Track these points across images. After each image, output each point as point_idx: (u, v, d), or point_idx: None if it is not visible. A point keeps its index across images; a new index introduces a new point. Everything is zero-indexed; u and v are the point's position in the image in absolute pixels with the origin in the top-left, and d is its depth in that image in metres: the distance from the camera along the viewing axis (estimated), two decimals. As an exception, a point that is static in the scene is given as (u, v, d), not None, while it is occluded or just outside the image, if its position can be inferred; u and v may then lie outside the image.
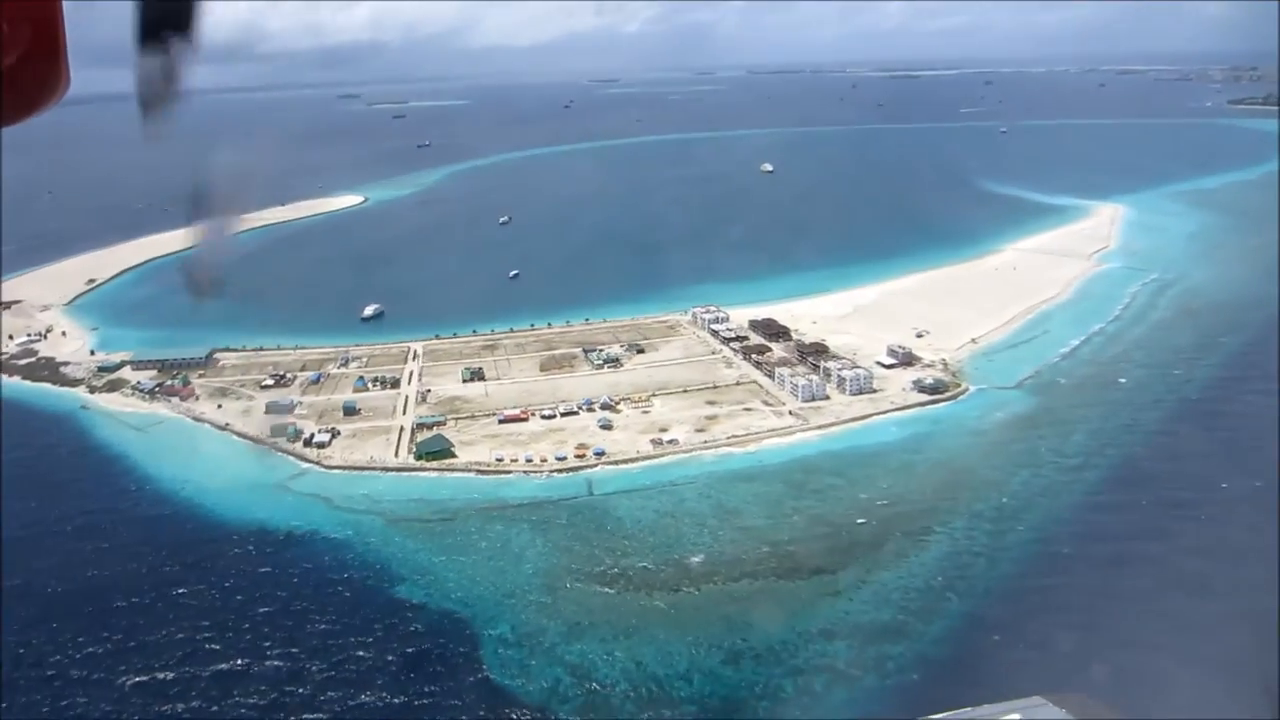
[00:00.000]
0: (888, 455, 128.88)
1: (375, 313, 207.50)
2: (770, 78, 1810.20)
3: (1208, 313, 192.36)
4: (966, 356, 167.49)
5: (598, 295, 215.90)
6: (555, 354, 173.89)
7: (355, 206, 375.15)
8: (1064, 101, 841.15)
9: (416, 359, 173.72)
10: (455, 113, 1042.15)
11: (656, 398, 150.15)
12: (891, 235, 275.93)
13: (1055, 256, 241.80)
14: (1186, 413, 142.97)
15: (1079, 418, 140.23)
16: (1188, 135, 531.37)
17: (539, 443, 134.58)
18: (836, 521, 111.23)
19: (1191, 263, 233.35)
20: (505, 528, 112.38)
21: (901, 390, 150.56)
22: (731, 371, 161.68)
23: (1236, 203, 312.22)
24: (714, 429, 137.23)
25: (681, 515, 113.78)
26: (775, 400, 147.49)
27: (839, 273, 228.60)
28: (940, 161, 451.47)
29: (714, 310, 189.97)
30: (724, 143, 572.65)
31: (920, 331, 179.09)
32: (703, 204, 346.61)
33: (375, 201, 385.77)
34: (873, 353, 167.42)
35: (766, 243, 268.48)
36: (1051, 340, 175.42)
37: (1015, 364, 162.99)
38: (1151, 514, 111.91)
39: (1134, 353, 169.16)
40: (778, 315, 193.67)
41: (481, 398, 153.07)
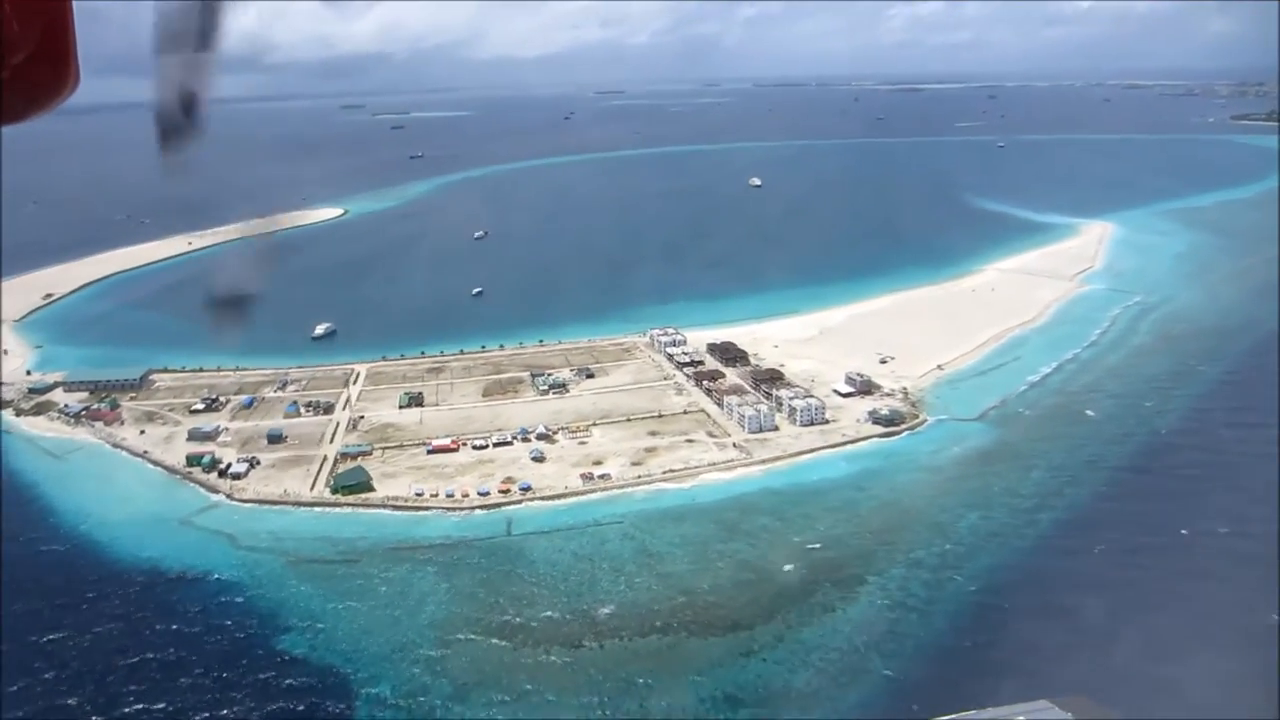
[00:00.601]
0: (830, 493, 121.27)
1: (327, 331, 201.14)
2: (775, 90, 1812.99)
3: (1188, 339, 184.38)
4: (930, 385, 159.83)
5: (559, 315, 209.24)
6: (501, 378, 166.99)
7: (334, 219, 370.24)
8: (1065, 116, 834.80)
9: (357, 382, 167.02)
10: (456, 124, 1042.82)
11: (597, 427, 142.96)
12: (871, 254, 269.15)
13: (1037, 277, 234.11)
14: (1154, 448, 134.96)
15: (1040, 453, 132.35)
16: (1186, 151, 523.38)
17: (465, 475, 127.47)
18: (763, 568, 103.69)
19: (1177, 285, 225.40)
20: (410, 571, 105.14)
21: (855, 421, 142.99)
22: (681, 399, 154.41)
23: (1229, 222, 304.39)
24: (651, 462, 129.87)
25: (600, 559, 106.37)
26: (721, 431, 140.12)
27: (811, 293, 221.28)
28: (932, 177, 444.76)
29: (671, 332, 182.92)
30: (718, 156, 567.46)
31: (884, 357, 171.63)
32: (684, 219, 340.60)
33: (355, 214, 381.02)
34: (832, 380, 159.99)
35: (742, 260, 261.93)
36: (1022, 367, 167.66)
37: (980, 393, 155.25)
38: (1102, 562, 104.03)
39: (1107, 382, 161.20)
40: (741, 337, 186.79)
41: (415, 425, 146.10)
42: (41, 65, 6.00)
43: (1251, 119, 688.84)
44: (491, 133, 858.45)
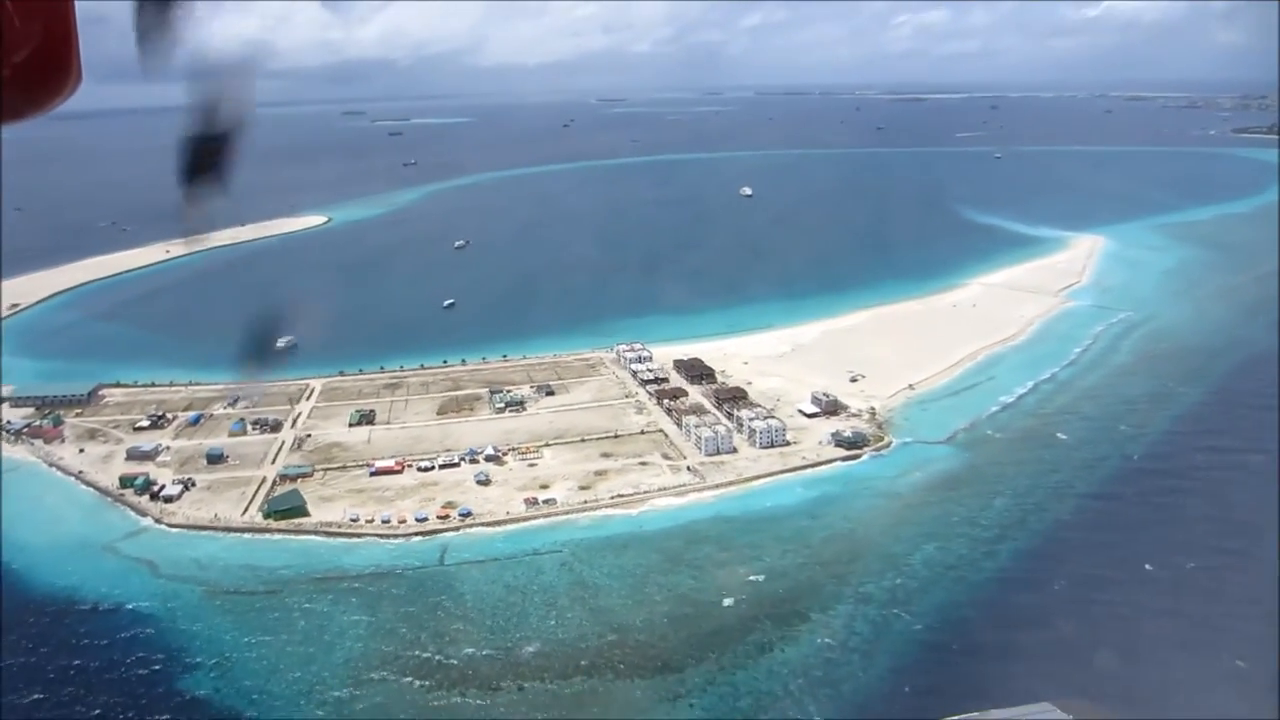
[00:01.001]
0: (783, 521, 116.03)
1: (287, 344, 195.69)
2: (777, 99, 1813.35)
3: (1170, 358, 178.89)
4: (899, 405, 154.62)
5: (530, 328, 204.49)
6: (458, 395, 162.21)
7: (316, 227, 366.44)
8: (1066, 127, 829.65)
9: (311, 398, 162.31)
10: (455, 130, 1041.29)
11: (549, 448, 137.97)
12: (854, 266, 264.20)
13: (1021, 292, 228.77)
14: (1125, 475, 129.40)
15: (1006, 479, 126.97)
16: (1185, 164, 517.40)
17: (406, 499, 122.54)
18: (703, 602, 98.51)
19: (1164, 302, 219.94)
20: (333, 603, 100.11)
21: (818, 443, 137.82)
22: (640, 418, 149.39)
23: (1222, 237, 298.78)
24: (600, 486, 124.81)
25: (533, 592, 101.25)
26: (677, 453, 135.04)
27: (788, 307, 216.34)
28: (926, 187, 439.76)
29: (637, 348, 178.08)
30: (712, 165, 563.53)
31: (855, 375, 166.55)
32: (670, 229, 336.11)
33: (339, 222, 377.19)
34: (798, 399, 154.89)
35: (722, 273, 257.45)
36: (996, 387, 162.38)
37: (950, 414, 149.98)
38: (1059, 598, 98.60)
39: (1082, 403, 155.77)
40: (711, 354, 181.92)
41: (363, 445, 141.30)
42: (43, 64, 5.95)
43: (1252, 132, 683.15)
44: (488, 140, 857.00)
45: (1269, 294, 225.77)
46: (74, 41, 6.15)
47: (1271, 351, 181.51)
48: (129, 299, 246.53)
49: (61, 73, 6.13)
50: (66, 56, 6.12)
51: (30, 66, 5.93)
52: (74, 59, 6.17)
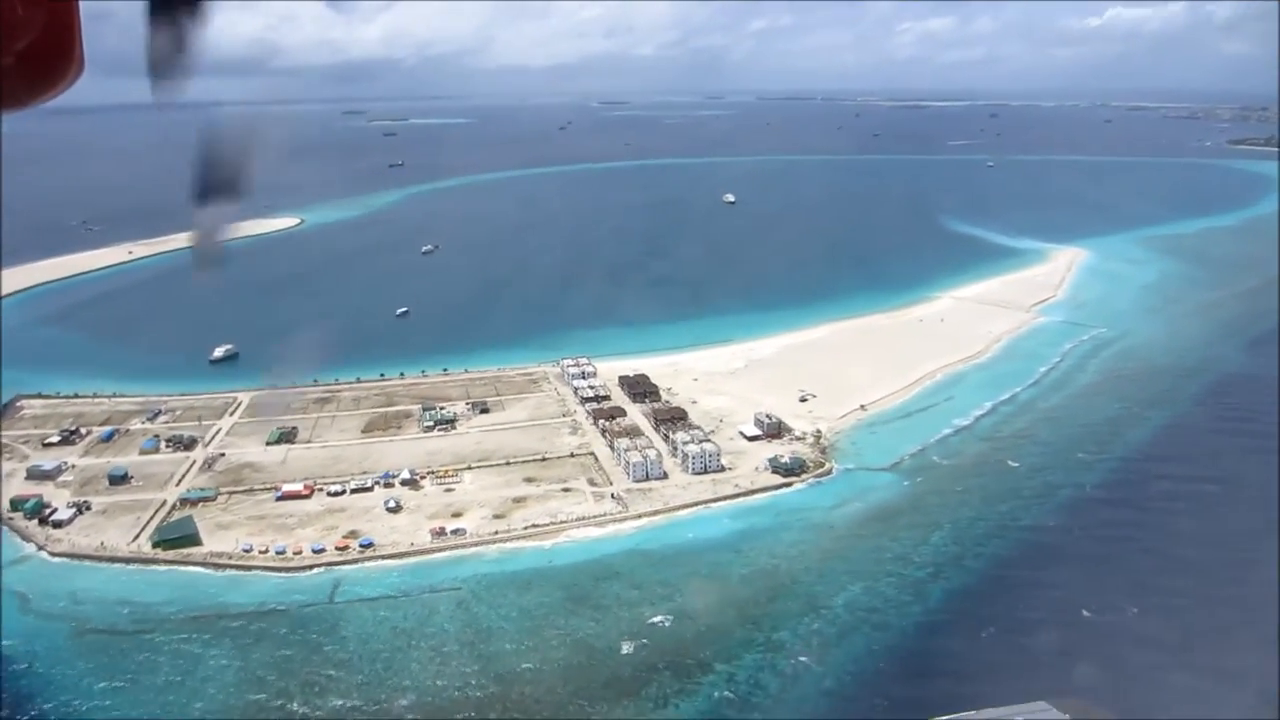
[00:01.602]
0: (703, 555, 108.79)
1: (227, 354, 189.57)
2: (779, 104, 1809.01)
3: (1139, 379, 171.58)
4: (848, 427, 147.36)
5: (480, 339, 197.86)
6: (389, 411, 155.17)
7: (287, 229, 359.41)
8: (1063, 136, 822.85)
9: (236, 413, 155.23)
10: (451, 131, 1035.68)
11: (471, 471, 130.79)
12: (826, 277, 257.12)
13: (993, 307, 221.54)
14: (1075, 507, 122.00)
15: (948, 511, 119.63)
16: (1178, 176, 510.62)
17: (307, 528, 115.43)
18: (600, 648, 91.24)
19: (1140, 318, 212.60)
20: (205, 645, 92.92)
21: (754, 469, 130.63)
22: (573, 439, 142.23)
23: (1207, 251, 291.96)
24: (516, 515, 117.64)
25: (421, 635, 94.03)
26: (604, 479, 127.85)
27: (750, 319, 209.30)
28: (913, 196, 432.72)
29: (582, 363, 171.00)
30: (701, 170, 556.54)
31: (806, 395, 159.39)
32: (645, 236, 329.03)
33: (311, 224, 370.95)
34: (742, 420, 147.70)
35: (689, 282, 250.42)
36: (952, 409, 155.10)
37: (900, 438, 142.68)
38: (984, 649, 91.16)
39: (1040, 427, 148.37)
40: (663, 369, 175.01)
41: (276, 466, 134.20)
42: (45, 51, 5.90)
43: (1250, 144, 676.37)
44: (482, 141, 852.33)
45: (1247, 310, 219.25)
46: (77, 29, 6.01)
47: (1243, 373, 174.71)
48: (77, 303, 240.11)
49: (64, 61, 6.02)
50: (69, 44, 6.00)
51: (32, 54, 5.82)
52: (77, 47, 6.04)
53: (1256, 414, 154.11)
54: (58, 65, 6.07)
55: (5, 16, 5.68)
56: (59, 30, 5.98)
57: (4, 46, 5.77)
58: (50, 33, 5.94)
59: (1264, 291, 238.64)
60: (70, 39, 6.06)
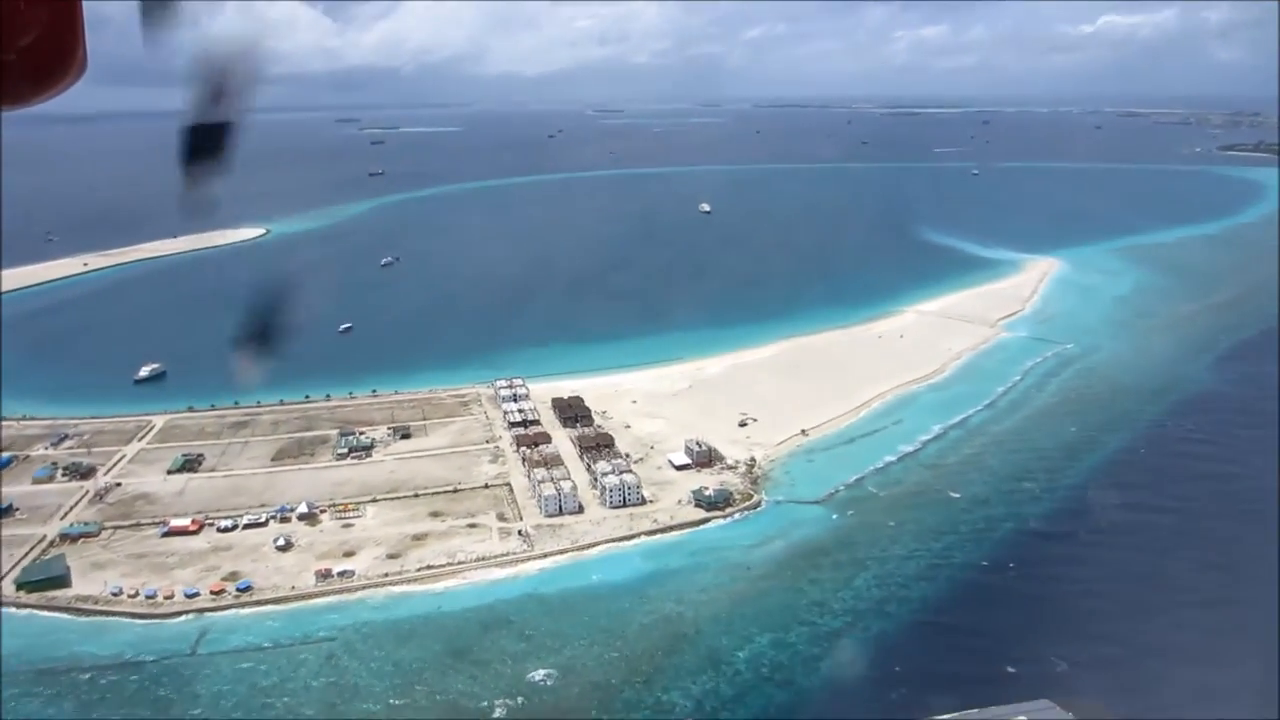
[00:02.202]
0: (603, 601, 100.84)
1: (153, 373, 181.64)
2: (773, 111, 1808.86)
3: (1099, 400, 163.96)
4: (785, 454, 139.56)
5: (419, 357, 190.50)
6: (305, 436, 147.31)
7: (249, 240, 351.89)
8: (1053, 143, 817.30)
9: (145, 437, 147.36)
10: (440, 139, 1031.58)
11: (376, 504, 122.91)
12: (789, 291, 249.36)
13: (957, 321, 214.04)
14: (1014, 545, 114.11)
15: (877, 549, 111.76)
16: (1164, 183, 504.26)
17: (187, 568, 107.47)
18: (471, 710, 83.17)
19: (1107, 333, 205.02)
20: (43, 704, 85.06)
21: (677, 503, 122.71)
22: (492, 468, 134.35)
23: (1185, 261, 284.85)
24: (412, 555, 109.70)
25: (281, 694, 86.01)
26: (515, 513, 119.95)
27: (704, 336, 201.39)
28: (893, 204, 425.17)
29: (515, 384, 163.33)
30: (683, 178, 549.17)
31: (746, 419, 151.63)
32: (613, 247, 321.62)
33: (275, 235, 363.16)
34: (675, 447, 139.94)
35: (648, 297, 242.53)
36: (898, 434, 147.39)
37: (838, 466, 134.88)
38: (891, 712, 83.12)
39: (989, 454, 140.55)
40: (604, 389, 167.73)
41: (172, 497, 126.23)
42: (49, 49, 5.90)
43: (1239, 150, 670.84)
44: (468, 149, 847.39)
45: (1220, 324, 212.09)
46: (80, 28, 5.97)
47: (1208, 392, 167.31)
48: (13, 318, 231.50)
49: (67, 59, 6.00)
50: (72, 42, 5.97)
51: (36, 51, 5.81)
52: (80, 45, 6.00)
53: (1216, 437, 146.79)
54: (61, 63, 5.98)
55: (8, 14, 5.61)
56: (62, 28, 5.90)
57: (7, 44, 5.69)
58: (53, 31, 5.86)
59: (1239, 303, 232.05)
60: (73, 37, 5.96)
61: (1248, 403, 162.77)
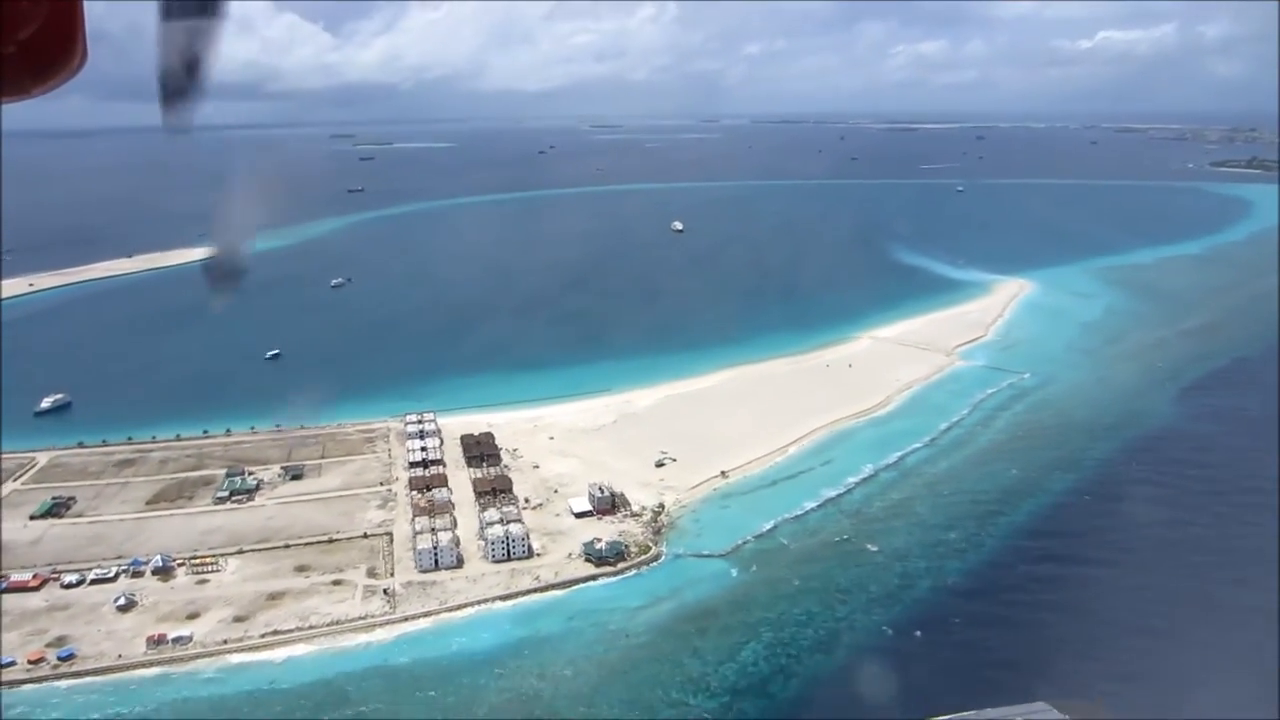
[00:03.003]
0: (460, 675, 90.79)
1: (56, 404, 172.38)
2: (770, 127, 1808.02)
3: (1050, 436, 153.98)
4: (698, 499, 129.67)
5: (341, 387, 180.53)
6: (191, 477, 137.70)
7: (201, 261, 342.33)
8: (1044, 159, 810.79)
9: (23, 477, 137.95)
10: (429, 156, 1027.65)
11: (241, 556, 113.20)
12: (746, 315, 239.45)
13: (912, 349, 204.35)
14: (928, 608, 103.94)
15: (775, 612, 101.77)
16: (1152, 200, 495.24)
17: (12, 631, 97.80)
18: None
19: (1069, 362, 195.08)
20: None
21: (567, 556, 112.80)
22: (378, 514, 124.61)
23: (1162, 282, 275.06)
24: (261, 617, 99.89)
25: (65, 790, 75.94)
26: (388, 568, 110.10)
27: (644, 364, 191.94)
28: (871, 223, 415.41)
29: (426, 419, 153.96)
30: (664, 196, 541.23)
31: (664, 459, 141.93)
32: (575, 268, 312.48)
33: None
34: (582, 490, 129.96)
35: (598, 320, 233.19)
36: (826, 475, 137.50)
37: (753, 513, 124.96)
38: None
39: (919, 499, 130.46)
40: (524, 423, 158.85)
41: (26, 546, 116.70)
42: (48, 41, 5.85)
43: (1230, 166, 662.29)
44: (456, 166, 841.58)
45: (1190, 351, 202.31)
46: (80, 20, 5.91)
47: (1166, 428, 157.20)
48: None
49: (67, 51, 5.94)
50: (72, 35, 5.91)
51: (36, 44, 5.76)
52: (80, 38, 5.94)
53: (1167, 480, 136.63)
54: (61, 56, 5.93)
55: (8, 7, 5.55)
56: (62, 21, 5.84)
57: (7, 36, 5.63)
58: (54, 23, 5.80)
59: (1213, 329, 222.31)
60: (73, 30, 5.90)
61: (1206, 441, 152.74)
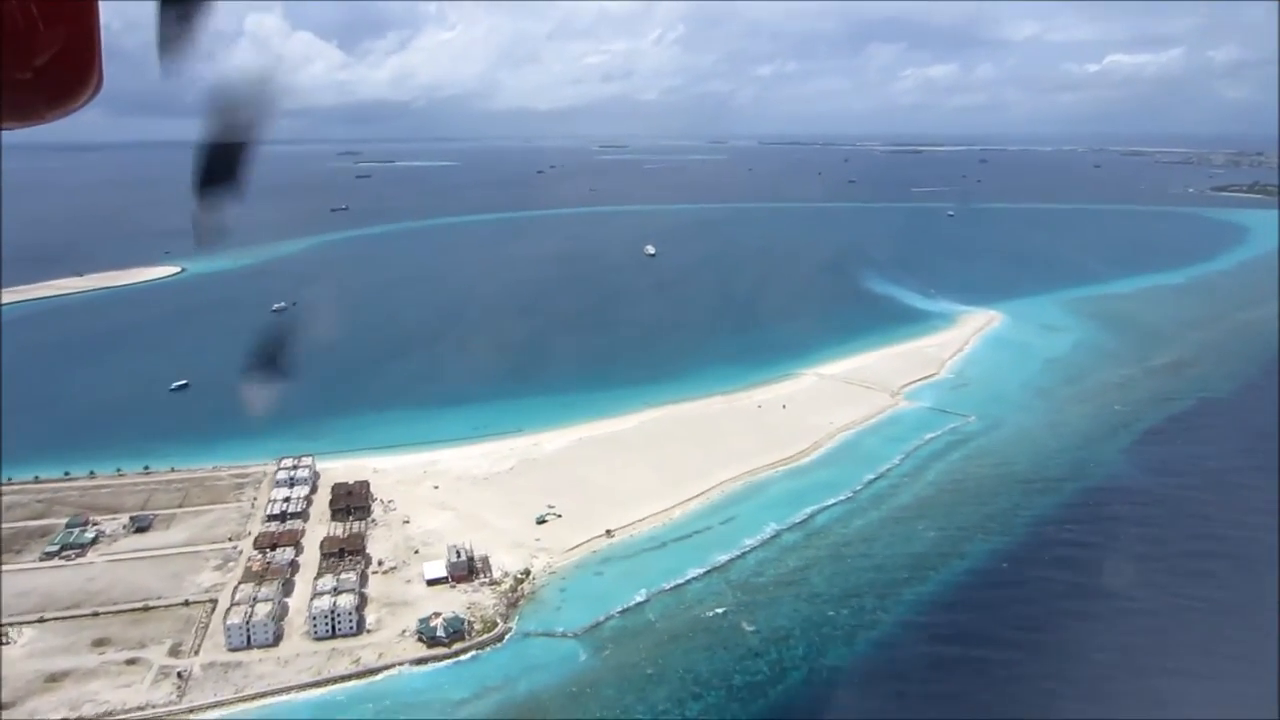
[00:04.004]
0: (224, 789, 77.99)
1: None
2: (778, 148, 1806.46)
3: (982, 492, 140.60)
4: (572, 564, 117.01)
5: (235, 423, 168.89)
6: (28, 526, 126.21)
7: (160, 279, 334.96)
8: (1043, 183, 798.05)
9: None
10: (429, 174, 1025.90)
11: (41, 625, 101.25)
12: (692, 347, 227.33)
13: (857, 388, 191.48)
14: (799, 705, 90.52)
15: (618, 708, 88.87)
16: (1145, 225, 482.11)
17: None
18: None
19: (1022, 403, 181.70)
20: None
21: (401, 634, 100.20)
22: (212, 577, 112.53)
23: (1138, 315, 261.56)
24: (29, 705, 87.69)
25: None
26: (196, 644, 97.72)
27: (566, 402, 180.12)
28: (850, 248, 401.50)
29: (304, 463, 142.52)
30: (649, 218, 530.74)
31: (548, 514, 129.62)
32: (525, 295, 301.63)
33: (190, 274, 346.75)
34: (457, 549, 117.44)
35: (529, 353, 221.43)
36: (722, 536, 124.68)
37: (627, 582, 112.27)
38: None
39: (817, 567, 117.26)
40: (414, 469, 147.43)
41: None
42: (66, 67, 5.93)
43: (1231, 190, 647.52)
44: (451, 185, 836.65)
45: (1154, 393, 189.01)
46: (97, 47, 6.00)
47: (1110, 484, 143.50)
48: None
49: (84, 77, 6.04)
50: (89, 62, 6.01)
51: (53, 70, 5.84)
52: (96, 64, 6.03)
53: (1102, 540, 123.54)
54: (77, 82, 6.02)
55: (27, 33, 5.60)
56: (79, 48, 5.91)
57: (25, 62, 5.67)
58: (71, 50, 5.86)
59: (1181, 367, 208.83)
60: (90, 56, 5.98)
61: (1153, 496, 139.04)
